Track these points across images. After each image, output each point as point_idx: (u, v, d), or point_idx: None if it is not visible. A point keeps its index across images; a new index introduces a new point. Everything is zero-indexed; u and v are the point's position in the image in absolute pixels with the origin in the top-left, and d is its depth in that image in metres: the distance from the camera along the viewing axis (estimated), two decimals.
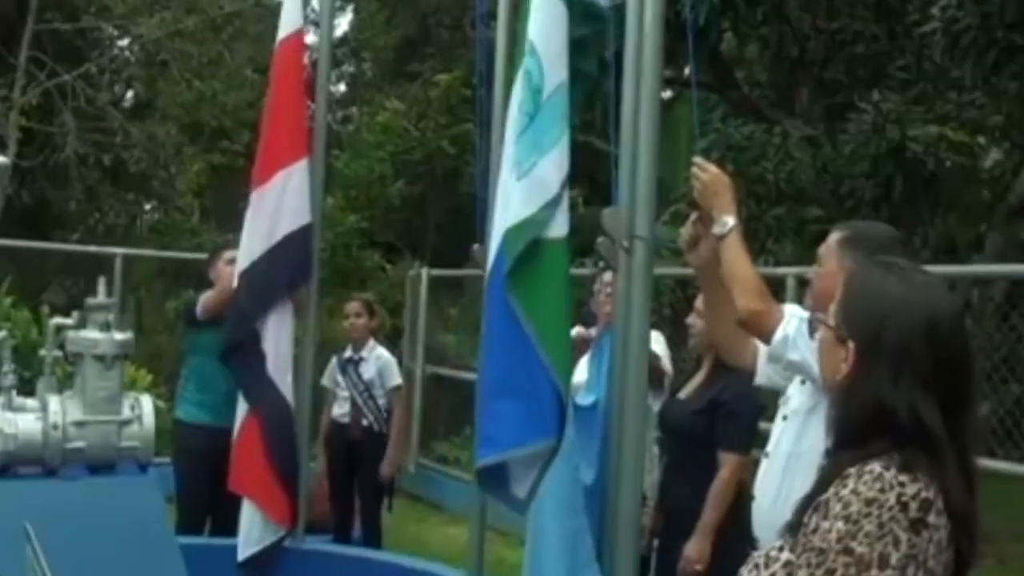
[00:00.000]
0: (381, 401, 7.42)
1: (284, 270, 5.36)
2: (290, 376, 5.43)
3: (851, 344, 1.95)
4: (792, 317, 3.28)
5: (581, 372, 4.59)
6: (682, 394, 4.87)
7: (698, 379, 4.83)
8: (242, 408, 5.47)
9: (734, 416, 4.57)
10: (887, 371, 1.89)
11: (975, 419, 1.97)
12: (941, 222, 9.68)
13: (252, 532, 5.41)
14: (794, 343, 3.25)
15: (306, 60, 5.71)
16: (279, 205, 5.31)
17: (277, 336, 5.36)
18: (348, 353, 7.51)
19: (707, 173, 3.45)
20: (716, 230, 3.39)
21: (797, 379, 3.43)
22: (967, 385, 1.95)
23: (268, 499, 5.40)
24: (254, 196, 5.35)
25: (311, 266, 5.54)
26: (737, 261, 3.33)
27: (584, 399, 4.04)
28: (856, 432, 1.92)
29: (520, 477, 3.59)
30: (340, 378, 7.45)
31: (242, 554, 5.42)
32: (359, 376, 7.39)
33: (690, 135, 10.70)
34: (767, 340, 3.34)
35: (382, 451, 7.43)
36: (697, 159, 3.50)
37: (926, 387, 1.87)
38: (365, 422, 7.36)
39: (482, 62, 5.09)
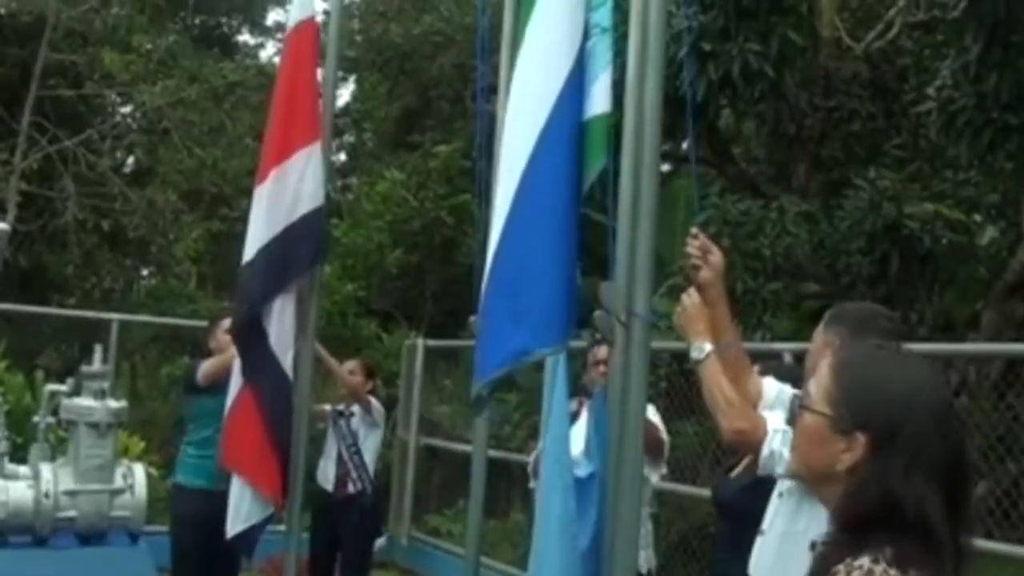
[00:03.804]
0: (367, 457, 7.44)
1: (304, 247, 5.32)
2: (291, 354, 5.36)
3: (860, 435, 1.89)
4: (775, 432, 3.34)
5: (577, 442, 4.56)
6: (734, 472, 4.90)
7: (749, 457, 4.86)
8: (236, 384, 5.40)
9: None
10: (901, 464, 1.84)
11: (971, 509, 1.93)
12: (938, 299, 9.69)
13: (241, 509, 5.32)
14: (780, 457, 3.31)
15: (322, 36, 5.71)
16: (300, 184, 5.28)
17: (280, 317, 5.32)
18: (340, 406, 7.57)
19: (689, 299, 3.55)
20: (694, 355, 3.48)
21: None
22: (968, 477, 1.92)
23: (260, 472, 5.30)
24: (273, 174, 5.30)
25: (325, 248, 5.54)
26: (716, 386, 3.41)
27: (581, 470, 4.02)
28: (858, 522, 1.87)
29: None
30: (331, 429, 7.49)
31: (231, 531, 5.33)
32: (348, 428, 7.45)
33: (688, 209, 10.75)
34: (756, 454, 3.39)
35: (366, 519, 7.41)
36: (691, 291, 3.59)
37: (934, 481, 1.83)
38: (351, 488, 7.36)
39: (482, 134, 5.11)
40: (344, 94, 19.39)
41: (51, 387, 6.69)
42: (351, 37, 18.10)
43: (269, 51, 21.95)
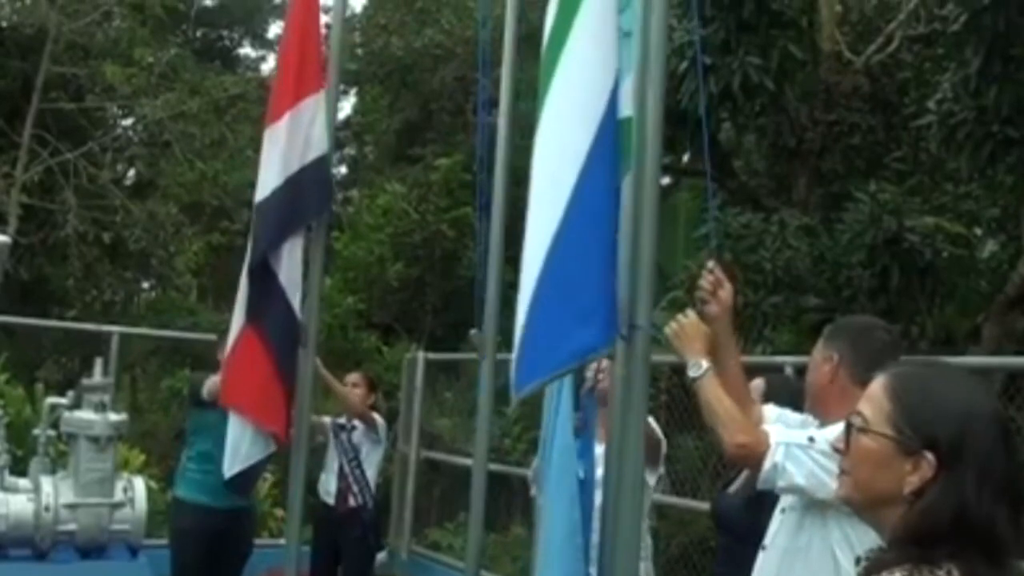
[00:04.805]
0: (369, 471, 7.43)
1: (314, 191, 5.33)
2: (299, 294, 5.32)
3: (928, 454, 1.83)
4: (778, 445, 3.30)
5: None
6: (732, 487, 4.85)
7: (747, 472, 4.81)
8: (237, 325, 5.36)
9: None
10: (971, 479, 1.80)
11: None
12: (938, 312, 9.68)
13: (240, 448, 5.26)
14: (783, 470, 3.28)
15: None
16: (310, 129, 5.32)
17: (290, 257, 5.30)
18: (342, 420, 7.56)
19: (686, 319, 3.54)
20: (691, 373, 3.45)
21: None
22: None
23: (263, 407, 5.23)
24: (288, 116, 5.31)
25: (332, 195, 5.63)
26: (716, 400, 3.38)
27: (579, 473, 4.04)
28: (920, 540, 1.81)
29: None
30: (332, 442, 7.48)
31: (228, 471, 5.29)
32: (350, 442, 7.44)
33: (689, 223, 10.76)
34: (757, 469, 3.35)
35: (367, 533, 7.41)
36: (689, 312, 3.59)
37: (1001, 495, 1.80)
38: (352, 502, 7.35)
39: (483, 147, 5.13)
40: (345, 107, 19.47)
41: (51, 400, 6.68)
42: (352, 50, 18.12)
43: (270, 64, 22.01)
